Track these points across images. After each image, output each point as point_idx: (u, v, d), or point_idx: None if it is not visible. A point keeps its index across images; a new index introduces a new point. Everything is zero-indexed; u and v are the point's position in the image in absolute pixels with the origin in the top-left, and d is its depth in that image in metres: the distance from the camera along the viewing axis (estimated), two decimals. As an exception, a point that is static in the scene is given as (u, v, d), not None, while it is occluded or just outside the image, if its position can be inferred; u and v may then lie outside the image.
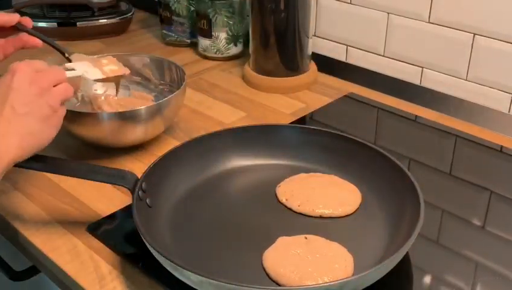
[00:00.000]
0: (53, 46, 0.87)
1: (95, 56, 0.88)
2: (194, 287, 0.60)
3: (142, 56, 1.00)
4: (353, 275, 0.64)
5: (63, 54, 0.86)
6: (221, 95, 1.10)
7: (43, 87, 0.67)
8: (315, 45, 1.21)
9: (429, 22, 1.04)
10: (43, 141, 0.68)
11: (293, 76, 1.12)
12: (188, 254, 0.68)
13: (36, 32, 0.85)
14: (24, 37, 0.83)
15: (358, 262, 0.66)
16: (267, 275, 0.65)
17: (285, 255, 0.66)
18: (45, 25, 1.35)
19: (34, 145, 0.67)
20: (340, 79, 1.17)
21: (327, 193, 0.78)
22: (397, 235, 0.69)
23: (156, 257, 0.62)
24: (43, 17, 1.36)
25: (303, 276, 0.63)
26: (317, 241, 0.69)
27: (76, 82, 0.76)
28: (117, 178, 0.73)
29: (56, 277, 0.72)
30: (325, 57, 1.22)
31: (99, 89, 0.98)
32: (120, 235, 0.73)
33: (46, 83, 0.68)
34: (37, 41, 0.84)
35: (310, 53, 1.14)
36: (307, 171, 0.83)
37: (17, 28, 0.84)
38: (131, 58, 0.99)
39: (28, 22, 0.85)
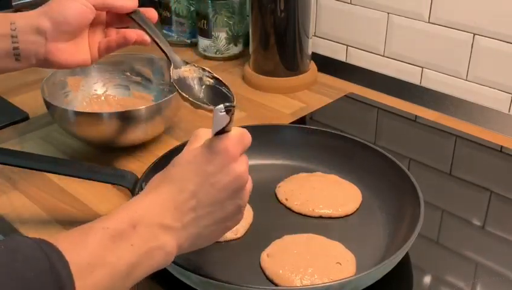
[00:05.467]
0: (162, 50, 0.71)
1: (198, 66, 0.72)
2: (194, 287, 0.60)
3: (142, 56, 1.00)
4: (353, 275, 0.64)
5: (170, 62, 0.70)
6: (221, 95, 1.10)
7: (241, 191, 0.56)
8: (315, 45, 1.21)
9: (429, 22, 1.04)
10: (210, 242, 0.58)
11: (293, 76, 1.12)
12: (188, 254, 0.67)
13: (152, 28, 0.72)
14: (132, 34, 0.72)
15: (358, 262, 0.66)
16: (267, 275, 0.65)
17: (285, 255, 0.66)
18: (45, 25, 1.34)
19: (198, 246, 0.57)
20: (340, 79, 1.17)
21: (327, 193, 0.78)
22: (397, 235, 0.69)
23: (156, 257, 0.62)
24: (43, 17, 1.36)
25: (303, 276, 0.63)
26: (317, 241, 0.69)
27: None
28: (117, 178, 0.73)
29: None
30: (325, 57, 1.22)
31: (99, 89, 0.98)
32: (120, 235, 0.73)
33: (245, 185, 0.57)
34: (147, 40, 0.72)
35: (310, 53, 1.14)
36: (307, 171, 0.83)
37: (131, 18, 0.72)
38: (132, 58, 0.99)
39: (151, 13, 0.73)
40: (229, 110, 0.52)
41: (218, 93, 0.69)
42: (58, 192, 0.82)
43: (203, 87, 0.69)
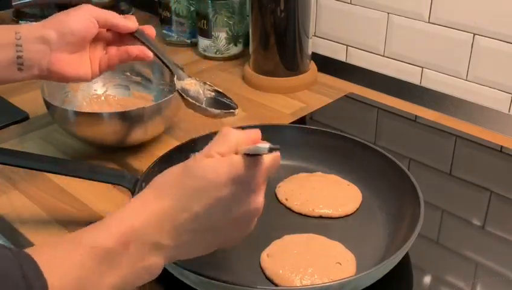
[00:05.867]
0: (165, 64, 0.74)
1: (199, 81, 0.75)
2: (193, 287, 0.60)
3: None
4: (353, 275, 0.64)
5: (173, 75, 0.74)
6: (221, 95, 1.10)
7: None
8: (315, 45, 1.21)
9: (429, 22, 1.04)
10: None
11: (293, 76, 1.12)
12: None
13: (153, 44, 0.74)
14: (134, 49, 0.73)
15: (358, 262, 0.66)
16: (267, 275, 0.65)
17: (285, 255, 0.66)
18: (45, 25, 1.34)
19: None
20: (340, 79, 1.17)
21: (327, 193, 0.78)
22: (397, 235, 0.69)
23: (156, 257, 0.62)
24: (43, 17, 1.35)
25: (303, 276, 0.63)
26: (317, 241, 0.69)
27: None
28: (117, 178, 0.73)
29: (56, 277, 0.71)
30: (325, 57, 1.22)
31: (99, 89, 0.98)
32: (120, 235, 0.73)
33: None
34: (149, 55, 0.73)
35: (310, 53, 1.14)
36: (307, 171, 0.83)
37: (133, 37, 0.73)
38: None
39: (151, 30, 0.75)
40: (272, 150, 0.48)
41: (221, 103, 0.71)
42: (58, 192, 0.82)
43: (205, 98, 0.71)
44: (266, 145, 0.48)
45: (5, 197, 0.81)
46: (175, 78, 0.72)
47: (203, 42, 1.25)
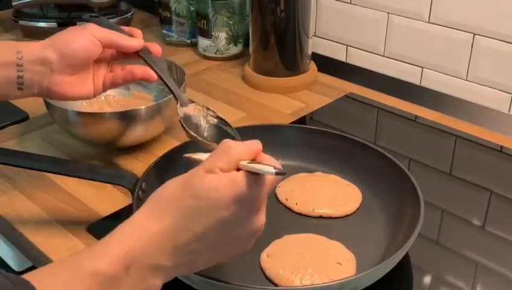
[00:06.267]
0: (169, 88, 0.72)
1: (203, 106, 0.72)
2: (194, 287, 0.60)
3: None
4: (353, 275, 0.64)
5: (176, 100, 0.71)
6: (221, 95, 1.10)
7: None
8: (315, 45, 1.21)
9: (429, 22, 1.04)
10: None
11: (293, 76, 1.12)
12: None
13: (159, 65, 0.72)
14: (138, 70, 0.72)
15: (358, 262, 0.66)
16: (267, 275, 0.65)
17: (285, 255, 0.66)
18: (45, 25, 1.35)
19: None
20: (340, 79, 1.17)
21: (327, 193, 0.78)
22: (397, 235, 0.69)
23: (156, 257, 0.62)
24: (43, 17, 1.36)
25: (303, 276, 0.63)
26: (317, 241, 0.69)
27: None
28: (117, 178, 0.73)
29: (56, 277, 0.71)
30: (325, 57, 1.22)
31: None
32: (120, 235, 0.73)
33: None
34: (154, 77, 0.71)
35: (310, 53, 1.14)
36: (307, 171, 0.83)
37: (138, 55, 0.72)
38: (131, 58, 0.99)
39: (156, 48, 0.73)
40: (278, 174, 0.46)
41: (223, 132, 0.69)
42: (58, 192, 0.82)
43: (208, 125, 0.70)
44: (271, 169, 0.46)
45: (5, 197, 0.81)
46: (178, 105, 0.70)
47: (203, 42, 1.25)
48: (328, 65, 1.19)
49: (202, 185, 0.47)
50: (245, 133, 0.85)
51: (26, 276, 0.43)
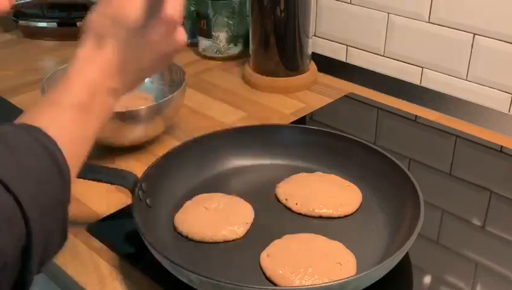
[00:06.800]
0: None
1: None
2: (194, 287, 0.60)
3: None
4: (353, 275, 0.64)
5: None
6: (221, 95, 1.10)
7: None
8: (315, 44, 1.21)
9: (429, 22, 1.04)
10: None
11: (293, 76, 1.12)
12: (188, 254, 0.68)
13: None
14: None
15: (358, 262, 0.66)
16: (267, 275, 0.65)
17: (285, 255, 0.66)
18: (45, 25, 1.35)
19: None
20: (340, 79, 1.16)
21: (327, 192, 0.77)
22: (397, 235, 0.69)
23: (156, 257, 0.62)
24: (43, 17, 1.36)
25: (303, 276, 0.63)
26: (317, 241, 0.69)
27: None
28: (117, 178, 0.73)
29: (56, 277, 0.71)
30: (325, 57, 1.22)
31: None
32: (120, 235, 0.73)
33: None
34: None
35: (310, 53, 1.14)
36: (307, 171, 0.83)
37: None
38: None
39: None
40: None
41: None
42: (58, 192, 0.82)
43: None
44: None
45: (5, 197, 0.80)
46: None
47: (203, 42, 1.25)
48: (328, 65, 1.19)
49: (126, 13, 0.57)
50: (245, 133, 0.86)
51: (26, 117, 0.49)
